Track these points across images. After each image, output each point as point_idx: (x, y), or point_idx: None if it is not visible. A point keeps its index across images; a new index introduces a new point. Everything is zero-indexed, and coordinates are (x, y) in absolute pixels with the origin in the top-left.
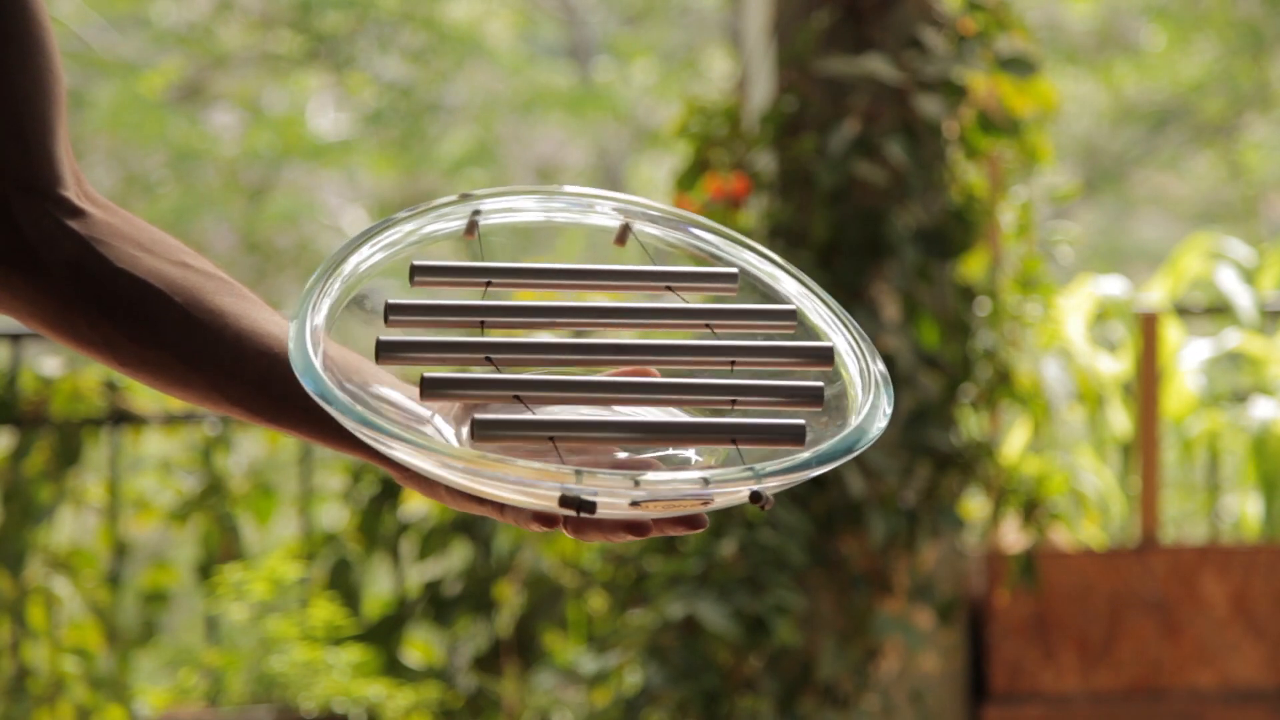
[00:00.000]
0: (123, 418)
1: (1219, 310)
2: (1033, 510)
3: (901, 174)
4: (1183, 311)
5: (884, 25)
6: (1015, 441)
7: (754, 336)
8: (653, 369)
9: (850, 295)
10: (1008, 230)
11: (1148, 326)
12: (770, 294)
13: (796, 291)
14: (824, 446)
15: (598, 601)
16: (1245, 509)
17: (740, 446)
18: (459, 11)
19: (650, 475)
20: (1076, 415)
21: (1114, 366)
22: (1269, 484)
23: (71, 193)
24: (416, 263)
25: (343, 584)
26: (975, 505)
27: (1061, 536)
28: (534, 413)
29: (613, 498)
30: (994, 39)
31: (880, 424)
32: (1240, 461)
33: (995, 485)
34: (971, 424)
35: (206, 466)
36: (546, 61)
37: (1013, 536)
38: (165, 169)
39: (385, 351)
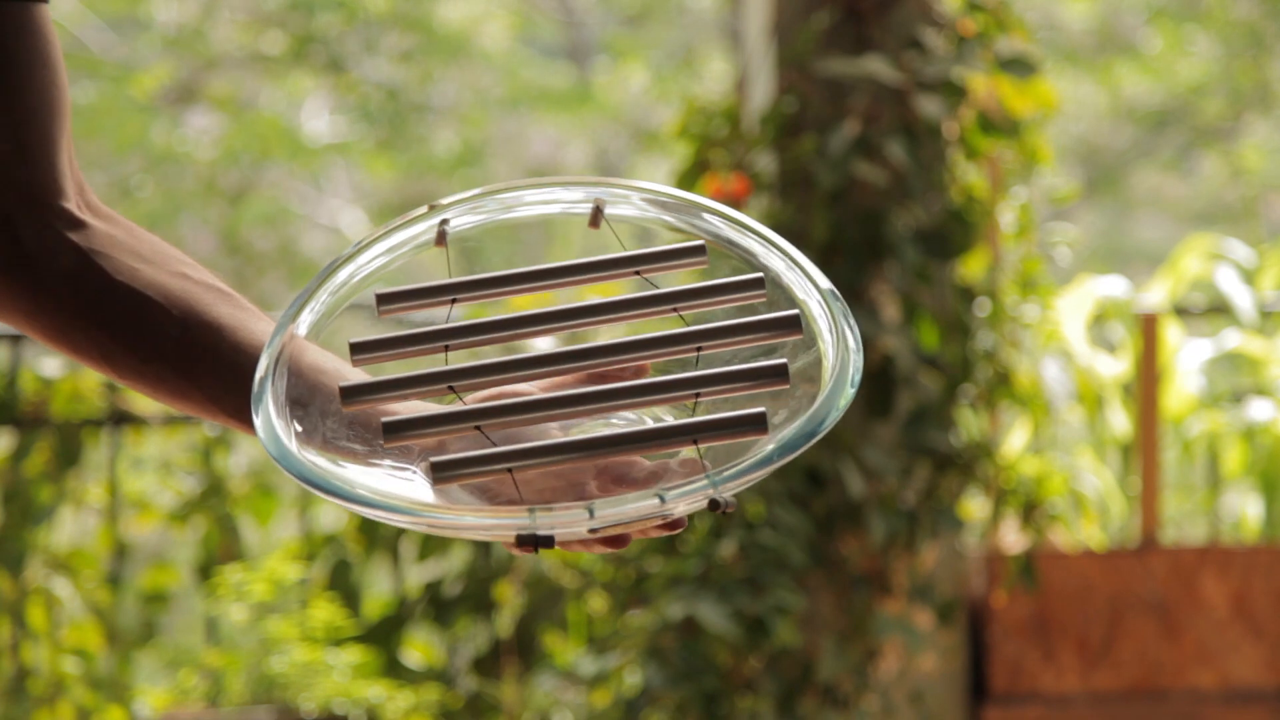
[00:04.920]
0: (123, 418)
1: (1219, 311)
2: (1032, 511)
3: (901, 174)
4: (1182, 312)
5: (884, 26)
6: (1015, 442)
7: (724, 313)
8: (646, 365)
9: (850, 295)
10: (1007, 231)
11: (1147, 327)
12: (749, 266)
13: (760, 252)
14: (784, 436)
15: (597, 602)
16: (1245, 509)
17: (701, 445)
18: (456, 12)
19: (604, 503)
20: (1076, 416)
21: (1114, 367)
22: (1269, 484)
23: (73, 204)
24: (379, 291)
25: (343, 585)
26: (975, 506)
27: (1061, 537)
28: (494, 443)
29: (569, 529)
30: (994, 39)
31: (843, 402)
32: (1240, 462)
33: (995, 486)
34: (971, 425)
35: (207, 467)
36: (544, 62)
37: (1012, 537)
38: (144, 173)
39: (349, 396)
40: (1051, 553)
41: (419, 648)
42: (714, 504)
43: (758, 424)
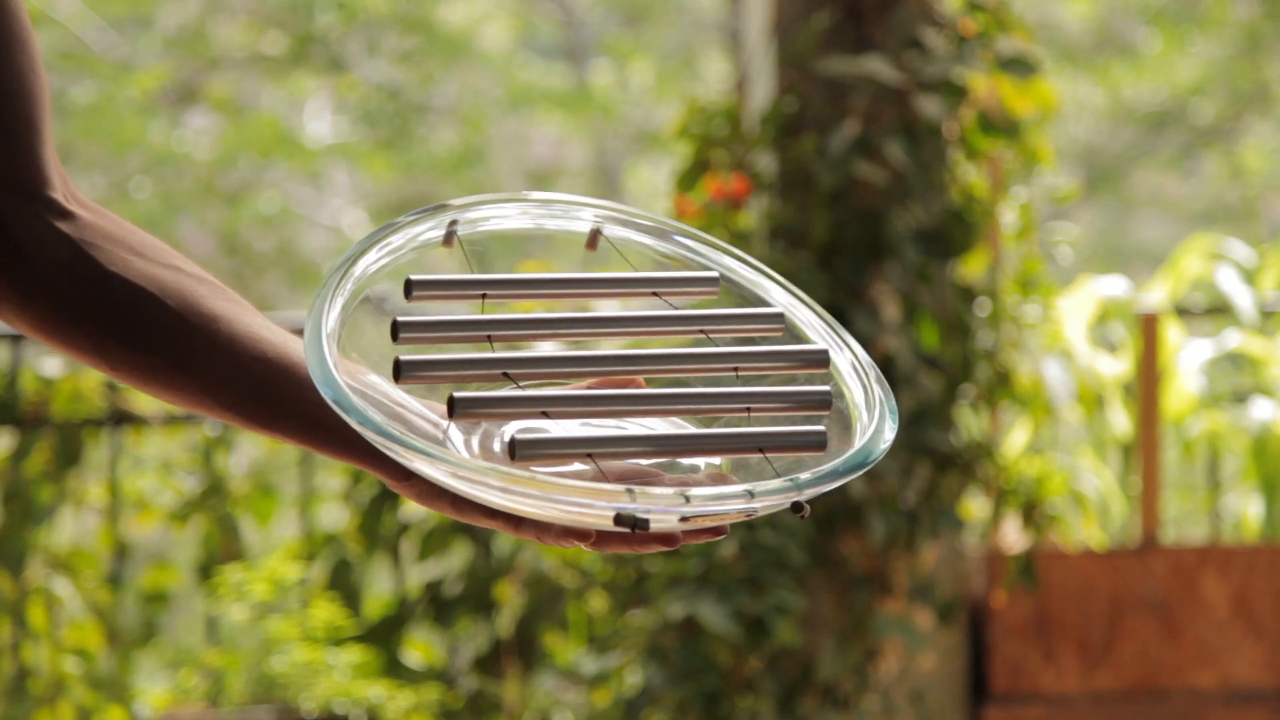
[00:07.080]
0: (123, 418)
1: (1219, 311)
2: (1033, 511)
3: (901, 174)
4: (1183, 312)
5: (884, 25)
6: (1015, 442)
7: (746, 340)
8: (640, 378)
9: (850, 295)
10: (1008, 231)
11: (1148, 327)
12: (756, 301)
13: (785, 301)
14: (849, 454)
15: (598, 602)
16: (1246, 509)
17: (766, 455)
18: (456, 13)
19: (699, 491)
20: (1076, 416)
21: (1114, 367)
22: (1269, 484)
23: (59, 195)
24: (413, 277)
25: (343, 584)
26: (975, 506)
27: (1061, 537)
28: (563, 429)
29: (665, 515)
30: (994, 40)
31: (891, 429)
32: (1240, 462)
33: (995, 486)
34: (971, 425)
35: (207, 467)
36: (543, 63)
37: (1013, 537)
38: (143, 174)
39: (407, 371)
40: (1052, 552)
41: (419, 648)
42: (796, 506)
43: (819, 442)
